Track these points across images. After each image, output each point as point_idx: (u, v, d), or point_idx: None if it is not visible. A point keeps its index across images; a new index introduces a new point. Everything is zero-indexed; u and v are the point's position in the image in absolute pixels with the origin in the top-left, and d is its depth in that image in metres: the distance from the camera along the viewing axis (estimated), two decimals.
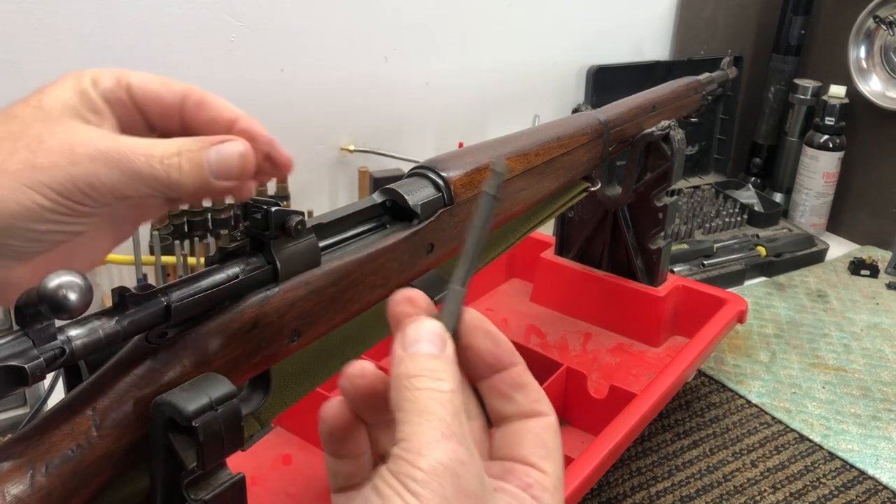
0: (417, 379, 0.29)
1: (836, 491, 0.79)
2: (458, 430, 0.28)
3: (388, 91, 1.21)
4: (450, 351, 0.31)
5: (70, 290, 0.33)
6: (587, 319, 0.99)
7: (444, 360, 0.30)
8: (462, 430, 0.28)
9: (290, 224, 0.42)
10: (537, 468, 0.31)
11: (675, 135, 0.86)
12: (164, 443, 0.36)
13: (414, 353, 0.30)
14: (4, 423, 0.80)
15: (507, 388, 0.32)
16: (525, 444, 0.31)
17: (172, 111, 0.38)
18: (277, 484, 0.72)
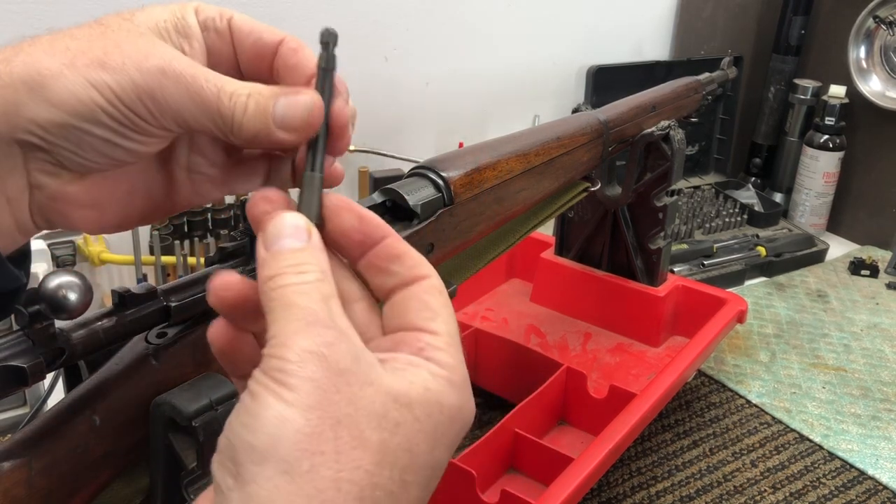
0: (281, 277, 0.28)
1: (836, 491, 0.79)
2: (325, 315, 0.27)
3: (388, 91, 1.21)
4: (315, 240, 0.30)
5: (70, 290, 0.33)
6: (587, 319, 0.99)
7: (308, 251, 0.29)
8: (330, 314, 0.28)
9: None
10: (426, 330, 0.30)
11: (675, 135, 0.86)
12: (164, 443, 0.36)
13: (276, 251, 0.29)
14: (4, 423, 0.80)
15: (383, 262, 0.31)
16: (410, 310, 0.31)
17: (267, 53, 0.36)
18: None
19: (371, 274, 0.32)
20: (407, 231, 0.51)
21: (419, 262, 0.31)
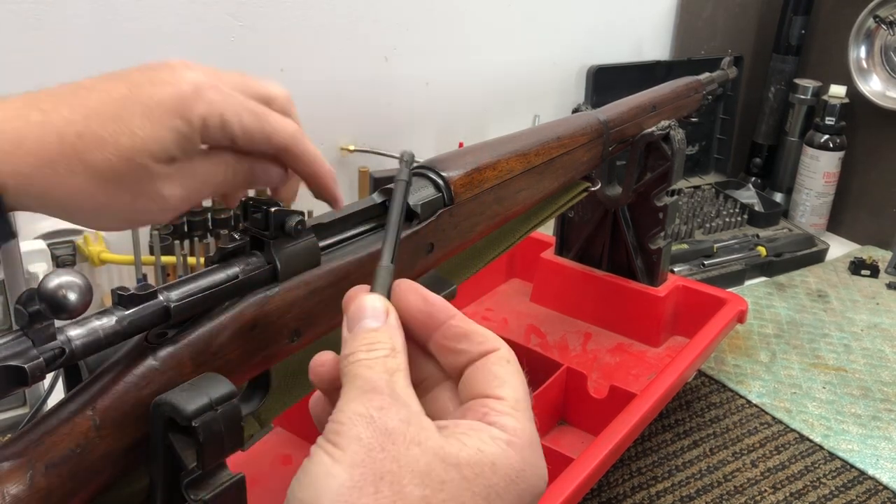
0: (354, 354, 0.31)
1: (836, 491, 0.79)
2: (385, 385, 0.29)
3: (388, 91, 1.21)
4: (391, 320, 0.32)
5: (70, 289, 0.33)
6: (587, 319, 0.99)
7: (382, 330, 0.32)
8: (391, 385, 0.30)
9: (289, 224, 0.42)
10: (491, 396, 0.32)
11: (675, 135, 0.86)
12: (164, 443, 0.36)
13: (356, 332, 0.32)
14: (4, 423, 0.80)
15: (451, 341, 0.33)
16: (478, 381, 0.32)
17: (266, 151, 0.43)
18: (277, 484, 0.72)
19: (443, 355, 0.34)
20: (407, 231, 0.51)
21: (487, 337, 0.33)
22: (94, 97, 0.39)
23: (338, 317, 0.47)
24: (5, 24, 0.86)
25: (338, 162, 1.19)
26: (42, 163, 0.37)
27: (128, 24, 0.94)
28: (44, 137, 0.37)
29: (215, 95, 0.41)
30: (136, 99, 0.39)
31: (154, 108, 0.39)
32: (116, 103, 0.39)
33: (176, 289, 0.39)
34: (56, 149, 0.37)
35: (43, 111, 0.38)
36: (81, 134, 0.38)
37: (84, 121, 0.38)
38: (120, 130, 0.38)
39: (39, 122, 0.37)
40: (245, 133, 0.42)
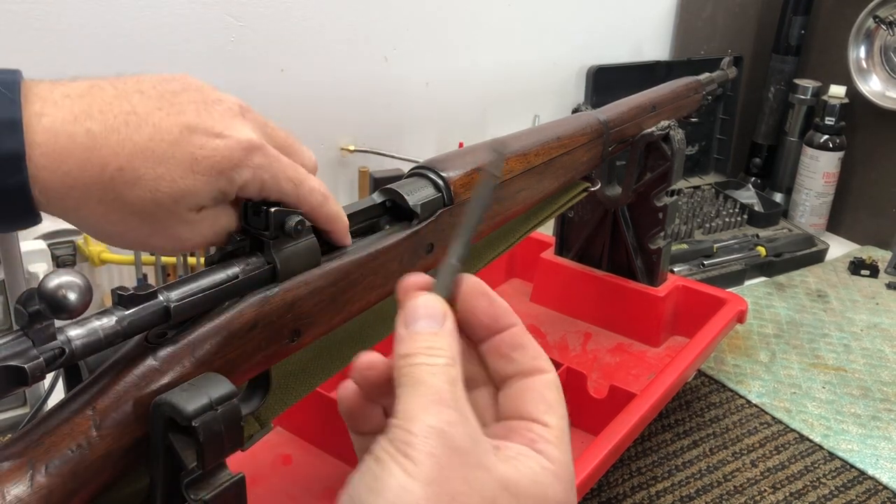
0: (414, 356, 0.31)
1: (835, 491, 0.79)
2: (450, 396, 0.30)
3: (388, 91, 1.21)
4: (449, 325, 0.32)
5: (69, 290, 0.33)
6: (587, 319, 0.99)
7: (441, 336, 0.32)
8: (455, 397, 0.30)
9: (289, 224, 0.42)
10: (539, 422, 0.32)
11: (675, 135, 0.86)
12: (164, 443, 0.36)
13: (414, 332, 0.32)
14: (4, 423, 0.80)
15: (507, 349, 0.33)
16: (527, 401, 0.33)
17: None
18: (277, 484, 0.72)
19: (492, 358, 0.34)
20: (407, 231, 0.51)
21: (540, 354, 0.34)
22: (144, 132, 0.38)
23: (338, 317, 0.48)
24: (5, 24, 0.86)
25: (338, 162, 1.19)
26: (78, 185, 0.37)
27: (128, 24, 0.94)
28: (86, 163, 0.37)
29: (262, 160, 0.41)
30: (186, 147, 0.39)
31: (201, 162, 0.39)
32: (166, 145, 0.39)
33: (176, 289, 0.39)
34: (95, 176, 0.37)
35: (91, 135, 0.37)
36: (123, 168, 0.38)
37: (129, 157, 0.38)
38: (162, 175, 0.38)
39: (85, 146, 0.37)
40: (279, 196, 0.42)
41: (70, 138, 0.37)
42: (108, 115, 0.38)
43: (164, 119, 0.39)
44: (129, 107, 0.39)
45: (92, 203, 0.38)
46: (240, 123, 0.41)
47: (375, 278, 0.49)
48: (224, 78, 1.03)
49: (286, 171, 0.42)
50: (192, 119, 0.39)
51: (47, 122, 0.37)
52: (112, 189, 0.38)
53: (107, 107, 0.38)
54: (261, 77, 1.07)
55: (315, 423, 0.76)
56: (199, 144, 0.39)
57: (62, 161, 0.36)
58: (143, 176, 0.38)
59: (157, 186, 0.38)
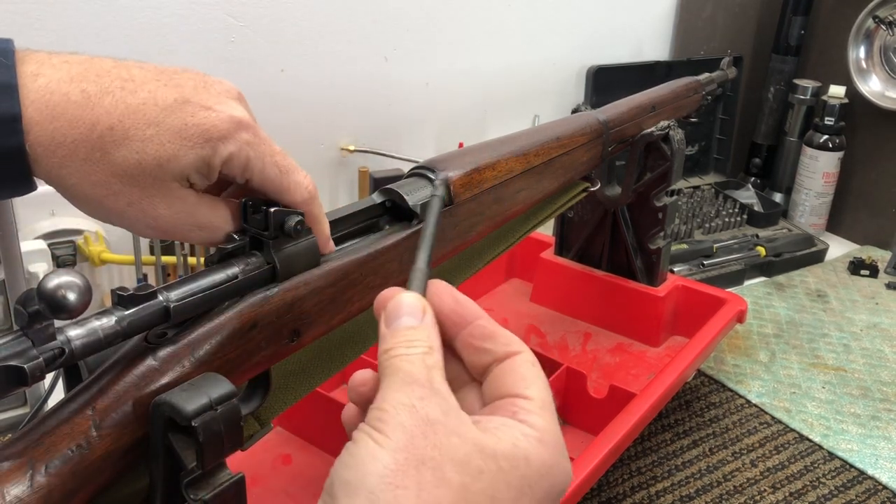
0: (394, 349, 0.32)
1: (835, 491, 0.79)
2: (424, 377, 0.31)
3: (388, 91, 1.21)
4: (428, 318, 0.34)
5: (69, 290, 0.33)
6: (587, 319, 0.99)
7: (420, 328, 0.33)
8: (430, 378, 0.31)
9: (289, 224, 0.42)
10: (520, 396, 0.33)
11: (674, 135, 0.86)
12: (164, 443, 0.36)
13: (394, 328, 0.33)
14: (4, 423, 0.80)
15: (478, 340, 0.35)
16: (506, 382, 0.34)
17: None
18: (277, 484, 0.73)
19: (467, 352, 0.35)
20: (406, 231, 0.51)
21: (512, 340, 0.35)
22: (139, 96, 0.39)
23: (337, 317, 0.48)
24: (5, 24, 0.86)
25: (338, 162, 1.19)
26: (66, 141, 0.37)
27: (128, 23, 0.94)
28: (77, 121, 0.38)
29: (249, 137, 0.41)
30: (178, 113, 0.39)
31: (190, 128, 0.40)
32: (158, 110, 0.39)
33: (176, 289, 0.39)
34: (84, 133, 0.38)
35: (86, 94, 0.38)
36: (113, 128, 0.38)
37: (121, 117, 0.38)
38: (150, 137, 0.39)
39: (79, 105, 0.38)
40: (263, 180, 0.42)
41: (64, 96, 0.37)
42: (105, 79, 0.39)
43: (160, 88, 0.40)
44: (127, 75, 0.40)
45: (77, 161, 0.38)
46: (234, 103, 0.42)
47: (375, 278, 0.49)
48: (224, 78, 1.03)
49: (274, 155, 0.43)
50: (189, 93, 0.40)
51: (42, 82, 0.37)
52: (100, 147, 0.38)
53: (104, 73, 0.39)
54: (261, 77, 1.07)
55: (315, 423, 0.76)
56: (191, 112, 0.40)
57: (54, 118, 0.37)
58: (132, 137, 0.38)
59: (144, 148, 0.39)
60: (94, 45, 0.92)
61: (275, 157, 0.43)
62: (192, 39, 0.99)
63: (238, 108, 0.42)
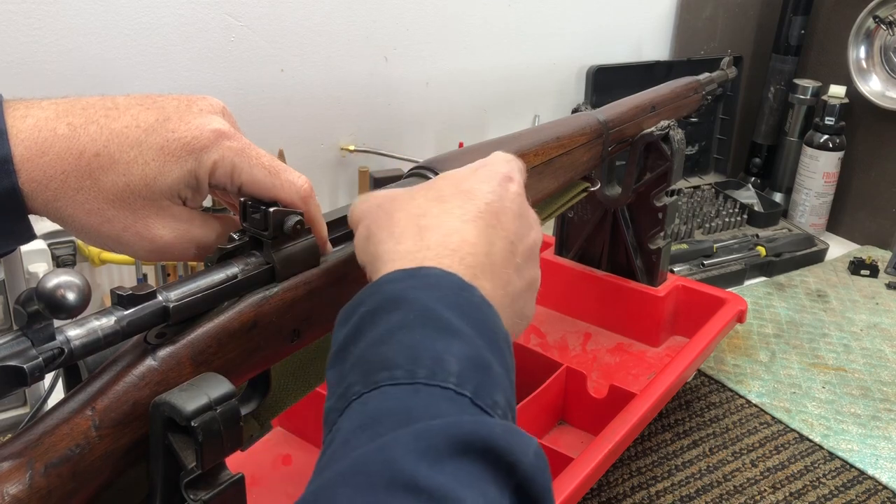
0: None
1: (835, 491, 0.79)
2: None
3: (388, 91, 1.21)
4: None
5: (68, 289, 0.33)
6: (587, 319, 0.99)
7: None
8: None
9: (288, 224, 0.42)
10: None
11: (674, 135, 0.86)
12: (164, 443, 0.36)
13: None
14: (4, 423, 0.80)
15: None
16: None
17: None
18: (277, 484, 0.72)
19: None
20: None
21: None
22: (122, 121, 0.40)
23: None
24: (5, 24, 0.86)
25: (338, 162, 1.19)
26: (56, 173, 0.39)
27: (128, 23, 0.94)
28: (65, 152, 0.39)
29: (233, 144, 0.42)
30: (159, 132, 0.40)
31: (172, 143, 0.41)
32: (140, 131, 0.40)
33: (175, 289, 0.39)
34: (73, 163, 0.39)
35: (72, 126, 0.39)
36: (99, 154, 0.39)
37: (105, 142, 0.40)
38: (134, 158, 0.40)
39: (65, 137, 0.39)
40: (253, 183, 0.43)
41: (52, 132, 0.39)
42: (90, 111, 0.40)
43: (142, 112, 0.41)
44: (112, 104, 0.41)
45: (70, 192, 0.39)
46: (215, 117, 0.43)
47: None
48: (224, 78, 1.03)
49: (260, 158, 0.43)
50: (170, 112, 0.41)
51: (31, 121, 0.39)
52: (89, 175, 0.39)
53: (90, 106, 0.40)
54: (261, 77, 1.07)
55: (315, 423, 0.76)
56: (171, 129, 0.41)
57: (43, 153, 0.38)
58: (117, 160, 0.40)
59: (130, 170, 0.40)
60: (95, 45, 0.92)
61: (261, 160, 0.43)
62: (192, 39, 0.99)
63: (218, 121, 0.42)
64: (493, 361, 0.34)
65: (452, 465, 0.27)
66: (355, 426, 0.30)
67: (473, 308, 0.35)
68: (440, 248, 0.38)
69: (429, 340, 0.33)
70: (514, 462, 0.28)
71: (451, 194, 0.41)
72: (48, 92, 0.42)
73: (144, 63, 0.97)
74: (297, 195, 0.44)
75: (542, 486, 0.29)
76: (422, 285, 0.35)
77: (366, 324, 0.35)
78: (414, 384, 0.31)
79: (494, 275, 0.39)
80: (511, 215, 0.41)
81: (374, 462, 0.27)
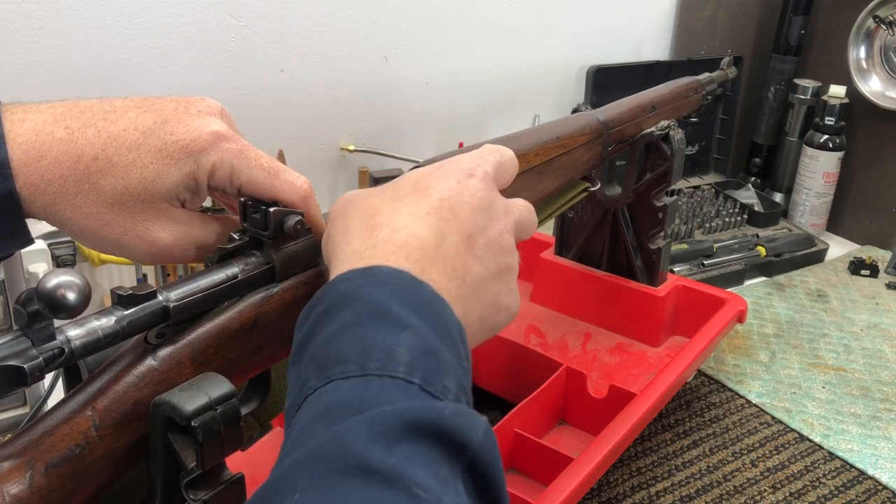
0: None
1: (835, 491, 0.79)
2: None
3: (388, 91, 1.21)
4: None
5: (69, 289, 0.33)
6: (587, 319, 0.99)
7: None
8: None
9: (288, 224, 0.42)
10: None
11: (674, 135, 0.86)
12: (164, 443, 0.36)
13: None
14: (4, 423, 0.80)
15: None
16: None
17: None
18: None
19: None
20: None
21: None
22: (120, 124, 0.40)
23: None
24: (5, 24, 0.86)
25: (338, 162, 1.19)
26: (55, 177, 0.39)
27: (128, 23, 0.94)
28: (63, 156, 0.39)
29: (231, 145, 0.42)
30: (157, 134, 0.41)
31: (170, 146, 0.41)
32: (138, 134, 0.40)
33: (175, 289, 0.39)
34: (71, 167, 0.39)
35: (69, 130, 0.39)
36: (97, 157, 0.40)
37: (103, 146, 0.40)
38: (133, 161, 0.40)
39: (63, 141, 0.39)
40: (252, 184, 0.43)
41: (49, 136, 0.39)
42: (88, 114, 0.40)
43: (140, 115, 0.41)
44: (110, 107, 0.41)
45: (68, 196, 0.39)
46: (213, 118, 0.43)
47: None
48: (224, 78, 1.03)
49: (259, 159, 0.43)
50: (168, 114, 0.41)
51: (28, 125, 0.39)
52: (87, 178, 0.39)
53: (87, 109, 0.40)
54: (261, 77, 1.07)
55: None
56: (170, 132, 0.41)
57: (41, 157, 0.38)
58: (115, 163, 0.40)
59: (128, 173, 0.40)
60: (94, 45, 0.92)
61: (260, 161, 0.43)
62: (192, 39, 0.99)
63: (217, 123, 0.42)
64: (444, 350, 0.34)
65: (404, 447, 0.28)
66: (311, 417, 0.31)
67: (423, 302, 0.36)
68: (387, 245, 0.38)
69: (379, 335, 0.33)
70: (463, 442, 0.30)
71: (407, 192, 0.41)
72: (48, 92, 0.42)
73: (144, 63, 0.97)
74: (297, 195, 0.44)
75: (491, 463, 0.30)
76: (372, 283, 0.36)
77: (320, 323, 0.35)
78: (366, 376, 0.32)
79: (447, 267, 0.39)
80: (469, 210, 0.41)
81: (329, 448, 0.28)
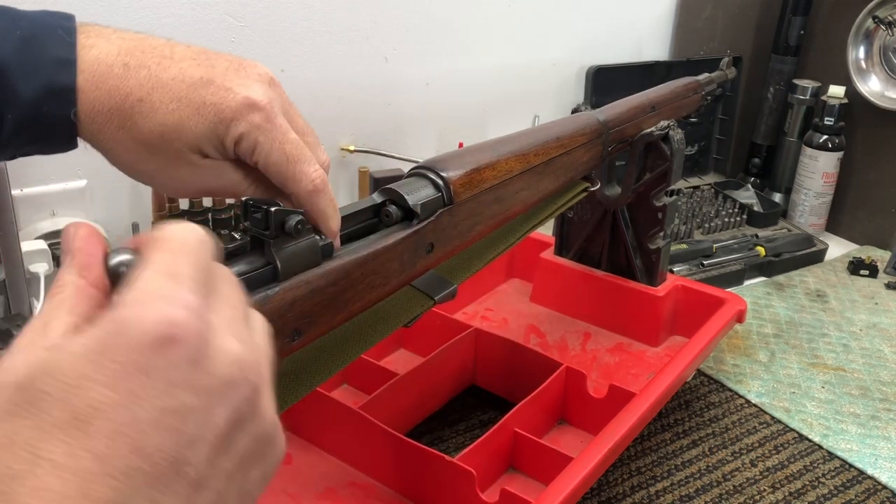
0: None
1: (835, 490, 0.79)
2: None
3: (388, 91, 1.21)
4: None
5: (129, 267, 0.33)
6: (586, 319, 0.99)
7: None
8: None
9: (289, 224, 0.42)
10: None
11: (674, 135, 0.86)
12: None
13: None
14: None
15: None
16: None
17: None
18: (277, 484, 0.72)
19: None
20: (406, 231, 0.51)
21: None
22: (171, 72, 0.43)
23: (338, 316, 0.48)
24: None
25: (338, 162, 1.19)
26: (104, 109, 0.42)
27: (127, 24, 0.94)
28: (115, 90, 0.42)
29: (260, 121, 0.43)
30: (199, 92, 0.43)
31: (207, 107, 0.42)
32: (184, 87, 0.42)
33: None
34: (119, 102, 0.42)
35: (127, 67, 0.42)
36: (143, 100, 0.42)
37: (150, 89, 0.42)
38: (172, 111, 0.42)
39: (119, 76, 0.42)
40: (267, 165, 0.44)
41: (108, 68, 0.42)
42: (147, 56, 0.43)
43: (192, 67, 0.43)
44: (169, 52, 0.43)
45: (112, 129, 0.42)
46: (257, 85, 0.44)
47: (376, 278, 0.49)
48: None
49: (284, 143, 0.43)
50: (217, 74, 0.43)
51: (94, 53, 0.42)
52: (130, 117, 0.42)
53: (150, 49, 0.43)
54: None
55: (315, 423, 0.76)
56: (212, 92, 0.43)
57: (97, 87, 0.42)
58: (157, 110, 0.42)
59: (165, 121, 0.42)
60: None
61: (284, 145, 0.43)
62: (192, 39, 0.99)
63: (258, 91, 0.43)
64: None
65: None
66: None
67: None
68: None
69: None
70: None
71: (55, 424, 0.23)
72: None
73: None
74: (304, 189, 0.44)
75: None
76: None
77: None
78: None
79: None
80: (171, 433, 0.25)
81: None
